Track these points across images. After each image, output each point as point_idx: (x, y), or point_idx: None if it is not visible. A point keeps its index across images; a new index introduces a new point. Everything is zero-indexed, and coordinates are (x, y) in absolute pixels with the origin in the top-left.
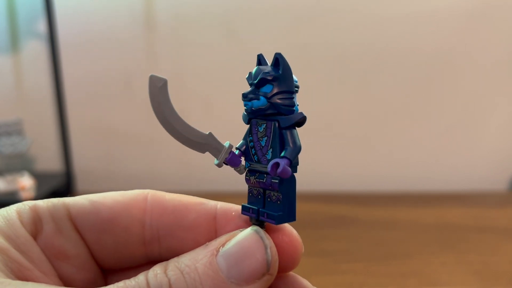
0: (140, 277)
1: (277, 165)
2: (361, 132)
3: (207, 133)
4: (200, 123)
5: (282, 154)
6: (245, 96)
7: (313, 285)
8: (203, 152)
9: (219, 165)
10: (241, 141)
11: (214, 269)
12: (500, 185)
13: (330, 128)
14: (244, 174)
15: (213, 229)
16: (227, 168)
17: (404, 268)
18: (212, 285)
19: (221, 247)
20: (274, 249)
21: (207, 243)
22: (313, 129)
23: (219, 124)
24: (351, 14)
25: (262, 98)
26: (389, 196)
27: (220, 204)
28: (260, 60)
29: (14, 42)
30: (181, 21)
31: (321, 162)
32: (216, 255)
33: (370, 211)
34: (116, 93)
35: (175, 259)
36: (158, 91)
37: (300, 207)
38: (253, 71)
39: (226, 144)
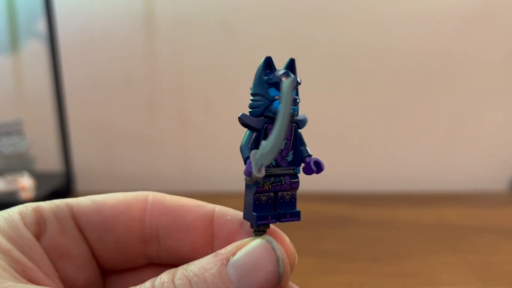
0: (147, 285)
1: (318, 163)
2: (361, 132)
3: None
4: (200, 123)
5: (306, 153)
6: (294, 101)
7: (313, 285)
8: (266, 164)
9: (260, 178)
10: (250, 150)
11: (223, 279)
12: (500, 185)
13: (329, 128)
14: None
15: (210, 232)
16: (227, 168)
17: (404, 268)
18: None
19: (231, 257)
20: (286, 260)
21: (217, 251)
22: (312, 129)
23: (219, 124)
24: (350, 14)
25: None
26: (389, 196)
27: (218, 208)
28: (271, 63)
29: (14, 42)
30: (181, 21)
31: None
32: (226, 264)
33: (370, 211)
34: (116, 93)
35: (184, 266)
36: (289, 97)
37: (300, 207)
38: (281, 75)
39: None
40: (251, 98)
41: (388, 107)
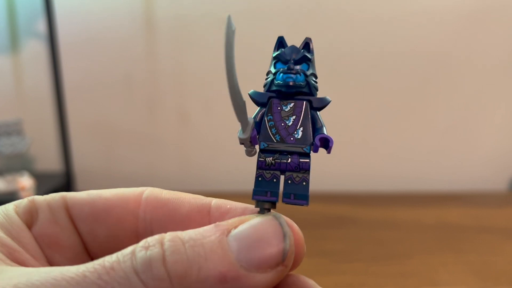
0: (127, 250)
1: (325, 140)
2: (361, 132)
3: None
4: (200, 123)
5: (318, 132)
6: (290, 69)
7: None
8: (239, 119)
9: (244, 140)
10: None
11: (223, 247)
12: (500, 185)
13: (329, 127)
14: (257, 156)
15: (206, 223)
16: (227, 168)
17: (404, 268)
18: (219, 264)
19: (233, 229)
20: (293, 239)
21: (217, 222)
22: None
23: (219, 124)
24: (350, 15)
25: (302, 74)
26: (389, 196)
27: (215, 200)
28: (283, 42)
29: (14, 42)
30: (181, 21)
31: (321, 161)
32: (227, 235)
33: (370, 211)
34: (116, 93)
35: (178, 231)
36: (232, 34)
37: (300, 207)
38: (285, 49)
39: (249, 119)
40: (266, 78)
41: (388, 108)
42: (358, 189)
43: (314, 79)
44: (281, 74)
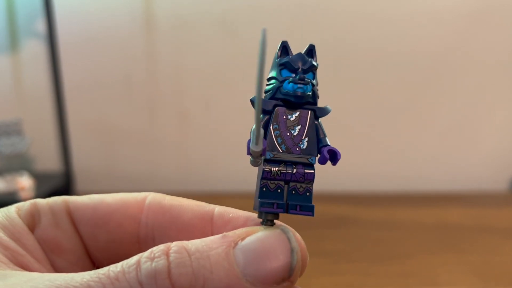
0: (132, 260)
1: (333, 152)
2: (361, 132)
3: None
4: (200, 123)
5: (322, 142)
6: (302, 79)
7: (313, 285)
8: (258, 131)
9: (258, 152)
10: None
11: (229, 261)
12: (500, 185)
13: (329, 127)
14: (262, 166)
15: (209, 231)
16: (227, 168)
17: (404, 268)
18: (225, 278)
19: (240, 241)
20: (300, 254)
21: (224, 233)
22: None
23: (219, 124)
24: (351, 14)
25: (310, 84)
26: (389, 196)
27: (218, 207)
28: (287, 48)
29: (14, 41)
30: (181, 21)
31: None
32: (233, 247)
33: (370, 211)
34: (116, 92)
35: (184, 241)
36: (265, 45)
37: None
38: (293, 57)
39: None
40: (266, 83)
41: (389, 107)
42: (358, 189)
43: (318, 88)
44: (291, 84)
